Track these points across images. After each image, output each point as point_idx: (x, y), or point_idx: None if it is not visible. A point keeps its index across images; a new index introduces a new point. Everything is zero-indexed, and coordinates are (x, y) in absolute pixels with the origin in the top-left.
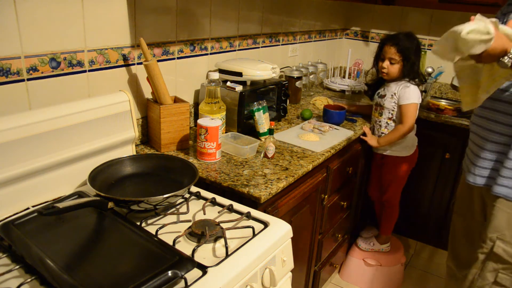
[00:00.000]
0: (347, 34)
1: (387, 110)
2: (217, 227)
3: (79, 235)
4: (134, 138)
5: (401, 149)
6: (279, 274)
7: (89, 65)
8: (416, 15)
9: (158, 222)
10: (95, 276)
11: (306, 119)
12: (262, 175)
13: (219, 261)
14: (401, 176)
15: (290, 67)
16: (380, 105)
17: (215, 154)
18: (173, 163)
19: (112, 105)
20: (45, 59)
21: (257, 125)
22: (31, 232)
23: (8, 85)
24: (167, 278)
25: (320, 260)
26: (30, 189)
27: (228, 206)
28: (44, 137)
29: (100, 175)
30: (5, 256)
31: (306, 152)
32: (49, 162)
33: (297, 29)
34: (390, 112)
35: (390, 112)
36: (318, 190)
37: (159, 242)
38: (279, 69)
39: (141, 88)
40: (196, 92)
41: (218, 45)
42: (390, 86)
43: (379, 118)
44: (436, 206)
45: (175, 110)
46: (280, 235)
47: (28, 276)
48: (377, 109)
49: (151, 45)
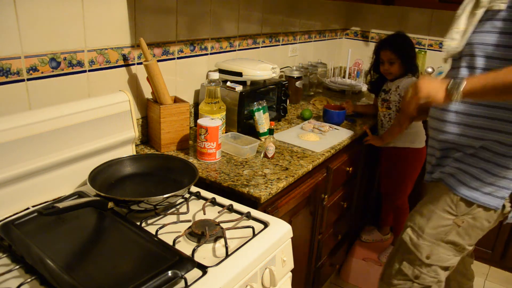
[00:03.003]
0: (347, 34)
1: (394, 103)
2: (217, 227)
3: (79, 235)
4: (134, 138)
5: (413, 139)
6: (279, 274)
7: (89, 65)
8: (416, 15)
9: (158, 222)
10: (95, 276)
11: (306, 119)
12: (262, 175)
13: (219, 261)
14: (414, 168)
15: (290, 67)
16: (386, 100)
17: (215, 154)
18: (173, 163)
19: (112, 105)
20: (45, 59)
21: (257, 125)
22: (31, 232)
23: (8, 85)
24: (167, 278)
25: (320, 260)
26: (30, 189)
27: (228, 206)
28: (44, 137)
29: (100, 175)
30: (5, 256)
31: (306, 152)
32: (49, 162)
33: (297, 29)
34: (397, 104)
35: (397, 104)
36: (318, 190)
37: (159, 242)
38: (279, 69)
39: (141, 88)
40: (196, 92)
41: (218, 45)
42: (394, 81)
43: (388, 112)
44: None
45: (175, 110)
46: (280, 235)
47: (28, 276)
48: (383, 104)
49: (151, 45)
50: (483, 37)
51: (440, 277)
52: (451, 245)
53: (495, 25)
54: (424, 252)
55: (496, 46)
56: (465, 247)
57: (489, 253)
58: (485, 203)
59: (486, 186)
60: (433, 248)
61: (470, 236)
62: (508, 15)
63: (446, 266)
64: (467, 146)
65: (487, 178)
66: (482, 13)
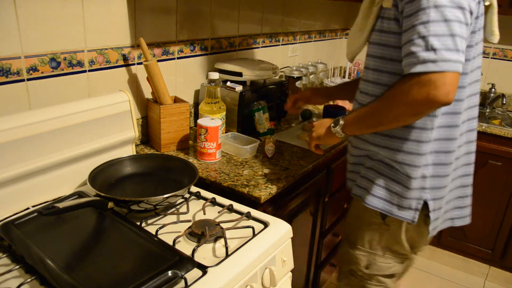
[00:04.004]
0: (347, 34)
1: None
2: (217, 227)
3: (79, 235)
4: (134, 138)
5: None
6: (279, 274)
7: (89, 65)
8: None
9: (158, 222)
10: (95, 276)
11: (306, 119)
12: (262, 175)
13: (219, 261)
14: None
15: (290, 67)
16: None
17: (215, 154)
18: (173, 163)
19: (112, 105)
20: (45, 59)
21: (257, 125)
22: (31, 232)
23: (8, 85)
24: (167, 278)
25: (320, 260)
26: (30, 189)
27: (228, 206)
28: (44, 137)
29: (100, 175)
30: (5, 256)
31: (306, 152)
32: (49, 162)
33: (297, 29)
34: None
35: None
36: (319, 190)
37: (159, 242)
38: (279, 69)
39: (141, 88)
40: (196, 92)
41: (218, 45)
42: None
43: None
44: None
45: (175, 110)
46: (280, 235)
47: (28, 276)
48: None
49: (151, 45)
50: (376, 37)
51: (386, 284)
52: (388, 253)
53: (384, 24)
54: (362, 262)
55: (384, 46)
56: (404, 253)
57: (489, 253)
58: (398, 215)
59: (394, 196)
60: (370, 258)
61: (400, 243)
62: (393, 14)
63: (389, 274)
64: (370, 158)
65: (395, 187)
66: (377, 10)
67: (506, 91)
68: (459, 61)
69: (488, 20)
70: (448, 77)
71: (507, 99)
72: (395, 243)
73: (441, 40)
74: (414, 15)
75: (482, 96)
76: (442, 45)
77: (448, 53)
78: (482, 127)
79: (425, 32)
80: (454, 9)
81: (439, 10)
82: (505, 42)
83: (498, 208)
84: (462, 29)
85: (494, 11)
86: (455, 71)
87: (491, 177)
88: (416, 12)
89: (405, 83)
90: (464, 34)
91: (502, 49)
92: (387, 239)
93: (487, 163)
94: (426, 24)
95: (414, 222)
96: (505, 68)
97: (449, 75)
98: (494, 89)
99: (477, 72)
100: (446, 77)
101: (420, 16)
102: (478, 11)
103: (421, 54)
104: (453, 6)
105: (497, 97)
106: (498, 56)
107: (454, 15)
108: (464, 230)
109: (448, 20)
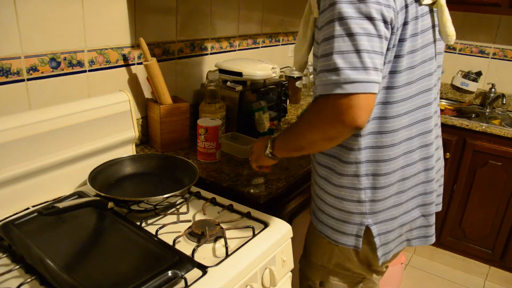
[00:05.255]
0: None
1: None
2: (217, 227)
3: (79, 235)
4: (134, 138)
5: None
6: (279, 274)
7: (89, 65)
8: None
9: (158, 222)
10: (95, 276)
11: None
12: (262, 175)
13: (219, 261)
14: None
15: (290, 67)
16: None
17: (215, 154)
18: (173, 163)
19: (112, 105)
20: (45, 59)
21: (257, 125)
22: (31, 232)
23: (8, 85)
24: (167, 278)
25: None
26: (30, 189)
27: (228, 206)
28: (44, 137)
29: (100, 175)
30: (5, 256)
31: None
32: (49, 162)
33: (297, 29)
34: None
35: None
36: None
37: (159, 242)
38: (279, 69)
39: (141, 88)
40: (196, 92)
41: (218, 45)
42: None
43: None
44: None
45: (175, 110)
46: (280, 235)
47: (28, 276)
48: None
49: (151, 45)
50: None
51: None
52: (340, 270)
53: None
54: (316, 280)
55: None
56: (358, 271)
57: (489, 253)
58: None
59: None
60: (324, 275)
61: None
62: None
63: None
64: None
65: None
66: (313, 20)
67: (506, 91)
68: (370, 80)
69: (439, 20)
70: (354, 100)
71: (507, 99)
72: (346, 260)
73: (346, 58)
74: (324, 28)
75: (482, 96)
76: (346, 63)
77: (354, 72)
78: (482, 127)
79: (329, 49)
80: (362, 21)
81: (343, 23)
82: (505, 42)
83: (498, 208)
84: (373, 43)
85: (442, 9)
86: (366, 93)
87: (491, 177)
88: (325, 25)
89: (316, 105)
90: (377, 48)
91: (502, 49)
92: (338, 256)
93: (487, 163)
94: (330, 40)
95: (358, 248)
96: (505, 68)
97: (357, 97)
98: (494, 89)
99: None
100: (352, 100)
101: (326, 31)
102: (407, 16)
103: (325, 74)
104: (360, 17)
105: (497, 97)
106: (498, 56)
107: (361, 28)
108: (464, 230)
109: (353, 34)
